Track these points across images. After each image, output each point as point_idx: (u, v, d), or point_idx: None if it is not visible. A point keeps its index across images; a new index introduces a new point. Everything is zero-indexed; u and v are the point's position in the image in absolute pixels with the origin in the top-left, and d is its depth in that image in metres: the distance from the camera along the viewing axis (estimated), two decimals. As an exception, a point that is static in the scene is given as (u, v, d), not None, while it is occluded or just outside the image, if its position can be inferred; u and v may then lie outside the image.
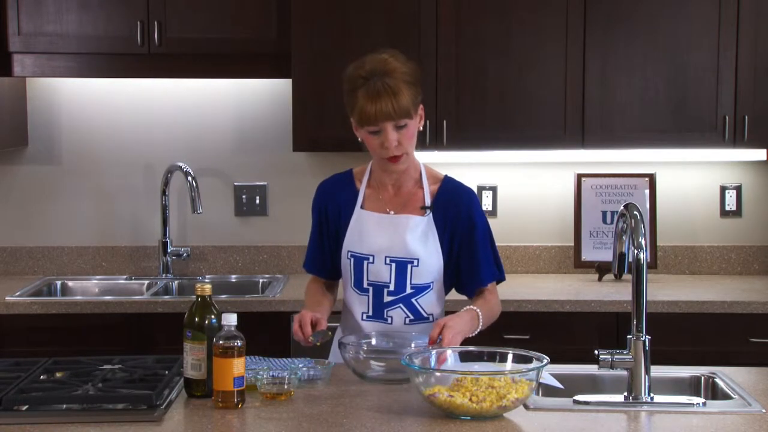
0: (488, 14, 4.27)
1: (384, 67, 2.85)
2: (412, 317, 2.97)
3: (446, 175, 3.05)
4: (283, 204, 4.69)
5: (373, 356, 2.75)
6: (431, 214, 2.96)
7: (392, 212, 2.98)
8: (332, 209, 3.04)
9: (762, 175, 4.66)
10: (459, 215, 2.97)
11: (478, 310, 2.88)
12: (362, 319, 2.99)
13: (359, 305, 3.00)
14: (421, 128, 2.94)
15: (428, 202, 2.97)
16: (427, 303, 2.98)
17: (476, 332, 2.88)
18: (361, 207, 3.00)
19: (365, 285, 2.97)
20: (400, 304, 2.96)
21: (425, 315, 2.98)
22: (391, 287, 2.95)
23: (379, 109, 2.82)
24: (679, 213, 4.66)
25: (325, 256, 3.07)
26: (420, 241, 2.95)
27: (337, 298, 3.15)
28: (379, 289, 2.96)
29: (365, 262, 2.96)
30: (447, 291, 3.04)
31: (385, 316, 2.97)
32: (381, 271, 2.95)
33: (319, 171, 4.58)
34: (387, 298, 2.96)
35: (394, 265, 2.94)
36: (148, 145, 4.68)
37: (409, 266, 2.94)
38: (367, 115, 2.83)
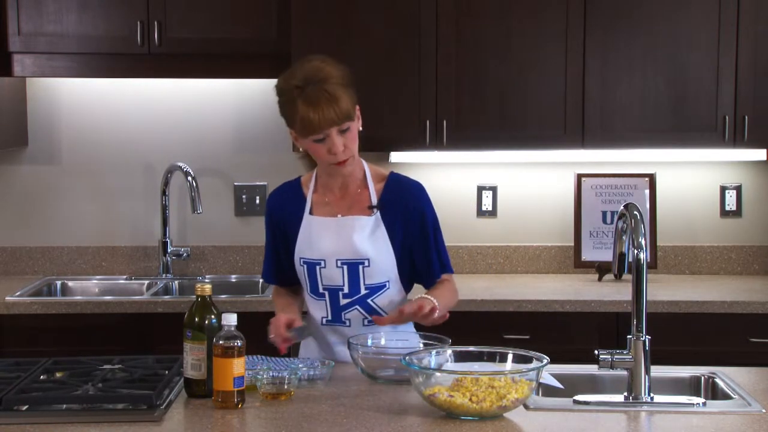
0: (488, 14, 4.27)
1: (318, 74, 2.84)
2: (370, 318, 2.96)
3: (392, 172, 3.04)
4: (283, 204, 4.69)
5: (383, 356, 2.75)
6: (379, 213, 2.96)
7: (340, 215, 2.98)
8: (282, 218, 3.04)
9: (762, 175, 4.66)
10: (407, 210, 2.97)
11: (434, 300, 2.86)
12: (322, 324, 3.00)
13: (318, 310, 3.01)
14: (361, 128, 2.93)
15: (374, 201, 2.97)
16: (385, 302, 2.97)
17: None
18: (310, 213, 3.00)
19: (320, 290, 2.98)
20: (357, 306, 2.96)
21: (384, 314, 2.97)
22: (346, 290, 2.95)
23: (322, 116, 2.81)
24: (679, 213, 4.66)
25: (281, 265, 3.08)
26: (369, 241, 2.94)
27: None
28: (334, 292, 2.96)
29: (317, 267, 2.96)
30: (408, 288, 3.04)
31: (342, 319, 2.98)
32: (334, 275, 2.95)
33: (319, 171, 4.58)
34: (343, 301, 2.96)
35: (345, 267, 2.94)
36: (148, 145, 4.68)
37: (361, 267, 2.94)
38: (310, 124, 2.82)
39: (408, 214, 2.97)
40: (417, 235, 2.98)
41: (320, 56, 2.93)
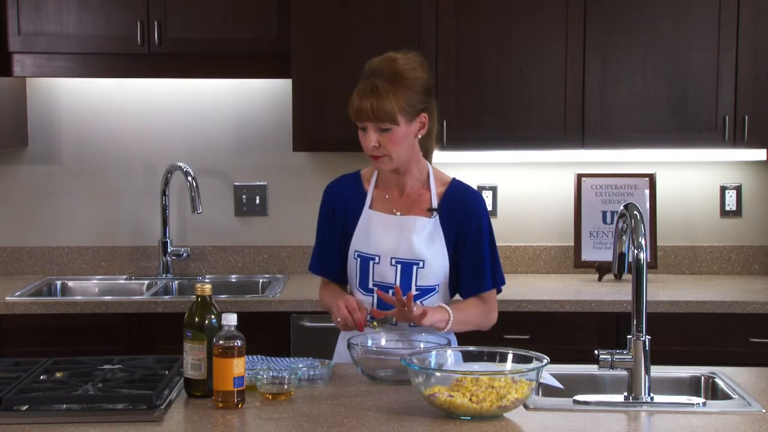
0: (488, 14, 4.27)
1: (389, 67, 2.86)
2: (412, 323, 2.95)
3: (454, 178, 3.03)
4: (283, 204, 4.69)
5: (383, 356, 2.75)
6: (438, 216, 2.96)
7: (399, 213, 2.98)
8: (340, 209, 3.02)
9: (762, 175, 4.66)
10: (465, 218, 2.96)
11: (449, 311, 2.87)
12: (367, 321, 2.98)
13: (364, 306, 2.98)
14: (419, 136, 2.92)
15: (435, 204, 2.96)
16: (433, 305, 2.96)
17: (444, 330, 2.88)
18: (369, 207, 3.00)
19: (370, 285, 2.96)
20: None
21: None
22: None
23: (360, 107, 2.83)
24: (679, 213, 4.66)
25: (331, 257, 3.05)
26: (426, 243, 2.94)
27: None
28: (384, 290, 2.94)
29: (371, 263, 2.96)
30: (452, 294, 3.03)
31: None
32: (386, 272, 2.94)
33: (319, 171, 4.58)
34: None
35: (399, 266, 2.93)
36: (148, 145, 4.68)
37: (415, 268, 2.93)
38: (352, 110, 2.86)
39: (465, 220, 2.95)
40: (470, 244, 2.95)
41: (414, 54, 2.93)
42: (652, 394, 2.59)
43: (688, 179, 4.66)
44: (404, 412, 2.48)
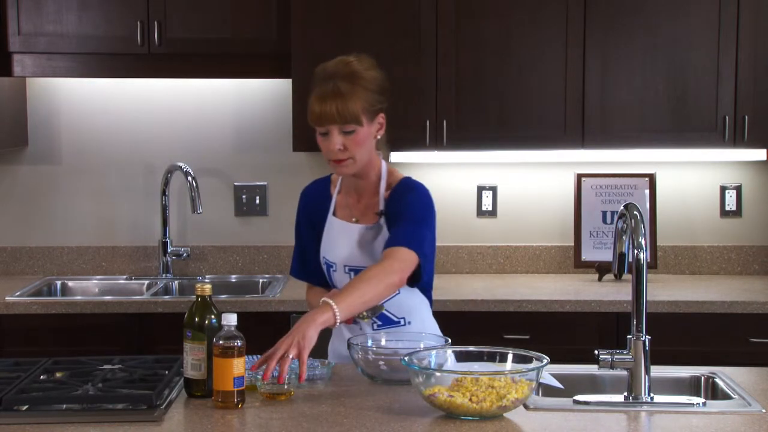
0: (488, 14, 4.27)
1: (344, 69, 2.85)
2: (380, 322, 2.96)
3: (405, 177, 2.98)
4: (283, 204, 4.69)
5: (383, 356, 2.75)
6: (383, 219, 2.93)
7: (354, 220, 2.97)
8: (312, 215, 3.04)
9: (762, 175, 4.66)
10: (398, 204, 2.89)
11: (330, 302, 2.65)
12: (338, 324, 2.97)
13: None
14: (378, 137, 2.90)
15: (381, 207, 2.95)
16: (395, 307, 2.94)
17: (339, 316, 2.67)
18: (333, 214, 3.01)
19: None
20: (364, 311, 2.90)
21: (395, 319, 2.96)
22: None
23: (324, 111, 2.81)
24: (679, 213, 4.66)
25: (308, 261, 3.07)
26: (372, 249, 2.92)
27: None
28: None
29: (331, 270, 2.98)
30: (425, 284, 2.97)
31: (354, 321, 2.96)
32: (343, 280, 2.94)
33: (319, 171, 4.56)
34: None
35: (353, 273, 2.93)
36: (148, 145, 4.68)
37: None
38: (313, 116, 2.84)
39: (397, 205, 2.90)
40: (398, 210, 2.86)
41: (365, 56, 2.91)
42: (652, 394, 2.59)
43: (688, 179, 4.66)
44: (404, 412, 2.48)
